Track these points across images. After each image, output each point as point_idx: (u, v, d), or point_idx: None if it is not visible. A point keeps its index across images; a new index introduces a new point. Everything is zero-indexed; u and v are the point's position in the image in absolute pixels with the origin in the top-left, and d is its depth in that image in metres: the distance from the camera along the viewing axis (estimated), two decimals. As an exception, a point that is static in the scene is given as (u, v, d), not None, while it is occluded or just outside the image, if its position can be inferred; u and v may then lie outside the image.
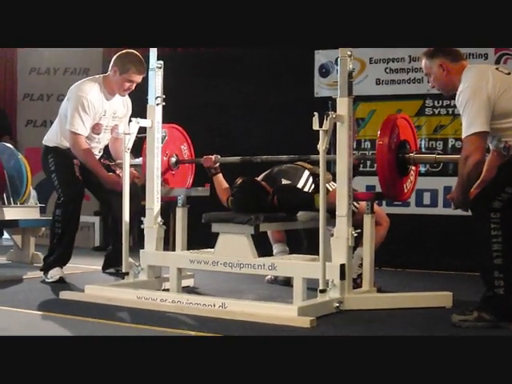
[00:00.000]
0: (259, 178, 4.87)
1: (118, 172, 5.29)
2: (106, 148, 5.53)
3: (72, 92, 5.21)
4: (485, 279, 3.71)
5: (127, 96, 5.36)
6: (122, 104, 5.36)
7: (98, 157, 5.39)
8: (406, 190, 4.63)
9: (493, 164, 3.94)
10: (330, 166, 5.36)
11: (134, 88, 5.20)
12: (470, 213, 3.92)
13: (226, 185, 5.01)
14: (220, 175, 5.04)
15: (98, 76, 5.30)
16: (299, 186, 4.81)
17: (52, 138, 5.35)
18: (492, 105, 3.71)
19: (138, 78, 5.12)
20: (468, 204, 3.93)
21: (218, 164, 5.03)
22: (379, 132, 4.37)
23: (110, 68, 5.18)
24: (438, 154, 4.73)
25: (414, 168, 4.65)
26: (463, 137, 3.79)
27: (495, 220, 3.64)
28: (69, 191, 5.20)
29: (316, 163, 4.36)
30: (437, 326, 3.73)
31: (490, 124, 3.73)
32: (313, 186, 4.81)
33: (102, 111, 5.22)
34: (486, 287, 3.71)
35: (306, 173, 4.89)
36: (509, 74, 3.87)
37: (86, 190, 5.47)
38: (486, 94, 3.71)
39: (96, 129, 5.25)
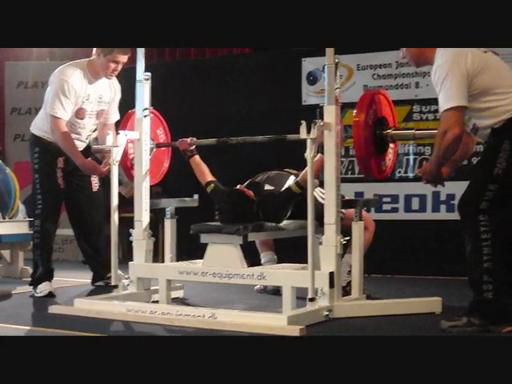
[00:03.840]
0: (244, 185, 4.86)
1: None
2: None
3: (54, 76, 5.14)
4: (473, 283, 3.69)
5: (115, 79, 5.28)
6: (109, 88, 5.29)
7: (85, 144, 5.35)
8: (384, 168, 4.53)
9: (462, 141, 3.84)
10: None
11: (119, 69, 5.12)
12: (440, 188, 3.92)
13: (204, 165, 4.98)
14: (197, 157, 4.99)
15: (82, 60, 5.19)
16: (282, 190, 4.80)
17: (39, 125, 5.30)
18: (469, 81, 3.64)
19: (123, 58, 5.05)
20: (440, 179, 3.92)
21: (193, 146, 4.99)
22: (356, 108, 4.27)
23: (93, 52, 5.09)
24: (417, 129, 4.64)
25: (392, 146, 4.55)
26: (440, 111, 3.70)
27: (484, 223, 3.61)
28: (48, 201, 5.23)
29: (292, 142, 4.33)
30: (427, 332, 3.72)
31: None
32: None
33: (85, 95, 5.13)
34: (474, 292, 3.70)
35: (292, 178, 4.87)
36: (485, 52, 3.79)
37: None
38: (465, 69, 3.63)
39: (79, 114, 5.18)
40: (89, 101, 5.18)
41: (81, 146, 5.28)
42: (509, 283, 3.70)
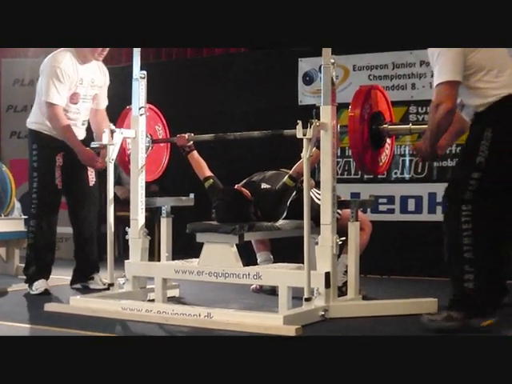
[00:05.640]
0: (240, 185, 4.87)
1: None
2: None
3: (45, 64, 5.14)
4: (453, 276, 3.64)
5: (103, 65, 5.31)
6: (100, 71, 5.31)
7: (82, 130, 5.31)
8: (380, 163, 4.51)
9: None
10: (315, 174, 5.37)
11: (106, 51, 5.15)
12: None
13: (202, 161, 5.00)
14: (195, 152, 5.01)
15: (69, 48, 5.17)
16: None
17: (34, 119, 5.28)
18: (464, 57, 3.59)
19: None
20: (434, 156, 3.89)
21: (191, 142, 5.00)
22: (351, 103, 4.25)
23: None
24: (413, 124, 4.62)
25: (389, 142, 4.54)
26: (434, 85, 3.64)
27: (466, 213, 3.55)
28: (45, 200, 5.21)
29: (288, 142, 4.33)
30: (422, 333, 3.70)
31: None
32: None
33: (78, 79, 5.13)
34: (453, 285, 3.64)
35: (288, 177, 4.87)
36: None
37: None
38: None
39: (73, 98, 5.16)
40: (82, 85, 5.17)
41: (77, 132, 5.22)
42: (501, 280, 3.67)
